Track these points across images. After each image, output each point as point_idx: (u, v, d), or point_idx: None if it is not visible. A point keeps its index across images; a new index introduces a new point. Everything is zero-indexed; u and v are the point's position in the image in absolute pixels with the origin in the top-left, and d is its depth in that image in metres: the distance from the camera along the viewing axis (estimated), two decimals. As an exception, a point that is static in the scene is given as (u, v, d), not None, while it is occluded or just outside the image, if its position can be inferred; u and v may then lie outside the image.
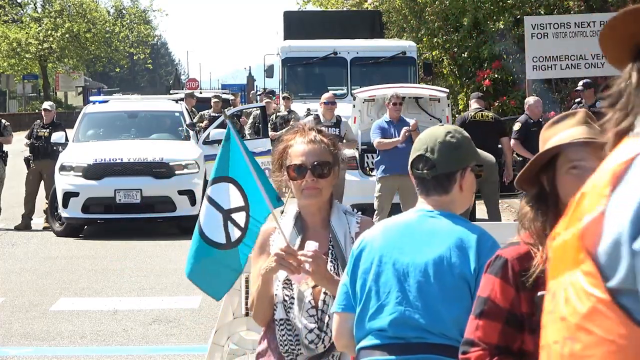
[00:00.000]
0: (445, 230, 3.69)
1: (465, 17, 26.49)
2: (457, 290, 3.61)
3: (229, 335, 6.66)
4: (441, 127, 3.90)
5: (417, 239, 3.71)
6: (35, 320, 10.97)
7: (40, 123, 18.84)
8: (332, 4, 39.65)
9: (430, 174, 3.78)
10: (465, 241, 3.66)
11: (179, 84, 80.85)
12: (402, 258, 3.69)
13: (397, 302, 3.65)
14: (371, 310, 3.69)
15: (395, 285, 3.67)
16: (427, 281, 3.63)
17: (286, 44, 24.68)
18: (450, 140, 3.79)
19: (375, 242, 3.78)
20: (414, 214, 3.82)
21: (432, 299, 3.61)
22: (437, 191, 3.78)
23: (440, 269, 3.63)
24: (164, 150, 17.83)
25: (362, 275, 3.75)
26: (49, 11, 67.25)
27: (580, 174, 3.26)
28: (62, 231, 17.44)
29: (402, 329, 3.63)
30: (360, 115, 18.30)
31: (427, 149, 3.79)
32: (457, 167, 3.78)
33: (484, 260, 3.55)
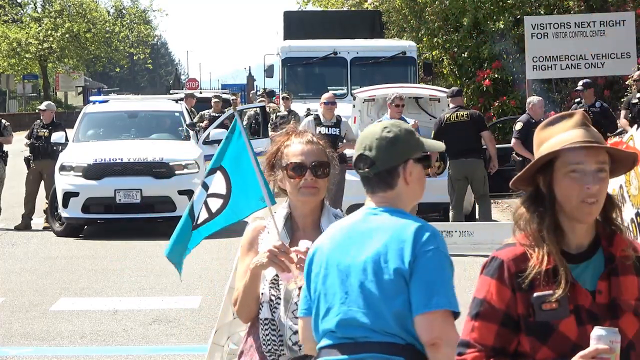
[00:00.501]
0: (384, 227, 3.64)
1: (465, 17, 26.48)
2: (394, 286, 3.56)
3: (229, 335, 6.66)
4: (378, 123, 3.83)
5: (359, 238, 3.67)
6: (35, 320, 10.97)
7: (40, 123, 18.83)
8: (332, 4, 39.64)
9: (371, 172, 3.71)
10: (402, 235, 3.60)
11: (179, 84, 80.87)
12: (345, 258, 3.67)
13: (341, 303, 3.63)
14: (322, 312, 3.69)
15: (339, 286, 3.65)
16: (366, 279, 3.60)
17: (286, 44, 24.68)
18: (386, 135, 3.71)
19: (324, 245, 3.76)
20: (359, 213, 3.76)
21: (372, 297, 3.58)
22: (381, 188, 3.72)
23: (378, 266, 3.59)
24: (164, 150, 17.83)
25: (314, 279, 3.74)
26: (49, 11, 67.27)
27: (579, 177, 3.26)
28: (62, 231, 17.44)
29: (348, 329, 3.62)
30: (360, 115, 18.31)
31: (366, 147, 3.73)
32: (397, 162, 3.71)
33: (420, 251, 3.55)
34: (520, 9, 25.75)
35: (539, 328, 3.26)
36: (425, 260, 3.56)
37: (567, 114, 3.41)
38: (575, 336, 3.23)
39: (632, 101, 17.47)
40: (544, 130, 3.39)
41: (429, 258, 3.56)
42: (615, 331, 3.14)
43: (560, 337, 3.24)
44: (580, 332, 3.23)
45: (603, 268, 3.32)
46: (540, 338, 3.25)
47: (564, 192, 3.28)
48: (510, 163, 16.77)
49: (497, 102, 25.67)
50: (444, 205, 17.02)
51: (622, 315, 3.28)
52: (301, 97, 23.35)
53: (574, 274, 3.27)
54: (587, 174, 3.26)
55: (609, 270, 3.31)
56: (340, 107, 17.56)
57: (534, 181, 3.36)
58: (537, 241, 3.30)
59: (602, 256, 3.34)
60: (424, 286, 3.54)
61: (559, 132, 3.33)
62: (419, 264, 3.55)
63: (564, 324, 3.24)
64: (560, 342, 3.24)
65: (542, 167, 3.33)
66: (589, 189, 3.24)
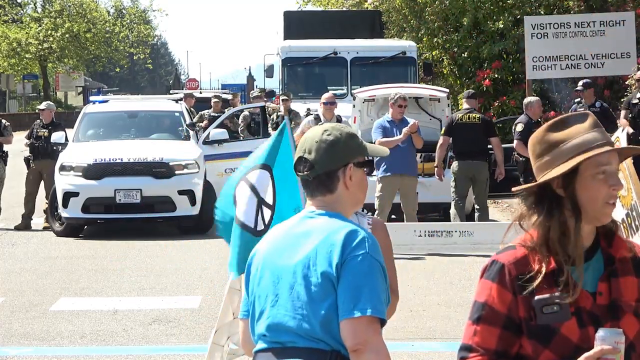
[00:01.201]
0: (317, 230, 3.59)
1: (465, 17, 26.48)
2: (321, 290, 3.51)
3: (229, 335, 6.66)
4: (320, 126, 3.77)
5: (293, 241, 3.63)
6: (35, 320, 10.97)
7: (40, 123, 18.84)
8: (332, 4, 39.63)
9: (311, 175, 3.66)
10: (332, 238, 3.54)
11: (179, 84, 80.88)
12: (278, 261, 3.63)
13: (272, 307, 3.61)
14: (256, 315, 3.68)
15: (271, 289, 3.62)
16: (295, 283, 3.56)
17: (286, 44, 24.68)
18: (326, 139, 3.66)
19: (261, 248, 3.73)
20: (297, 217, 3.73)
21: (300, 301, 3.54)
22: (321, 191, 3.66)
23: (307, 269, 3.55)
24: (164, 150, 17.83)
25: (251, 282, 3.72)
26: (49, 11, 67.26)
27: (606, 178, 3.26)
28: (62, 231, 17.44)
29: (276, 333, 3.59)
30: (360, 115, 18.31)
31: (305, 150, 3.68)
32: (336, 165, 3.66)
33: (349, 255, 3.49)
34: (520, 9, 25.75)
35: (541, 331, 3.25)
36: (354, 264, 3.49)
37: (575, 115, 3.38)
38: (577, 338, 3.23)
39: (632, 101, 17.47)
40: (554, 133, 3.34)
41: (357, 262, 3.49)
42: (619, 332, 3.14)
43: (562, 339, 3.24)
44: (582, 334, 3.23)
45: (602, 269, 3.31)
46: (542, 341, 3.25)
47: (591, 194, 3.25)
48: (511, 163, 16.78)
49: (497, 102, 25.67)
50: (444, 205, 17.02)
51: (623, 317, 3.28)
52: (301, 97, 23.34)
53: (573, 276, 3.27)
54: (613, 175, 3.27)
55: (609, 271, 3.31)
56: (340, 107, 17.55)
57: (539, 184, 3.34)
58: (540, 246, 3.29)
59: (601, 257, 3.33)
60: (350, 291, 3.47)
61: (578, 133, 3.30)
62: (346, 268, 3.49)
63: (566, 326, 3.24)
64: (562, 344, 3.24)
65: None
66: (614, 189, 3.25)
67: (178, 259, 15.03)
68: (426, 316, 10.73)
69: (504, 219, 18.68)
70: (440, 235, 14.73)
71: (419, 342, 9.64)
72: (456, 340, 9.89)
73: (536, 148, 3.37)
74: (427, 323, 10.46)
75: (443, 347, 9.67)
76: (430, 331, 10.13)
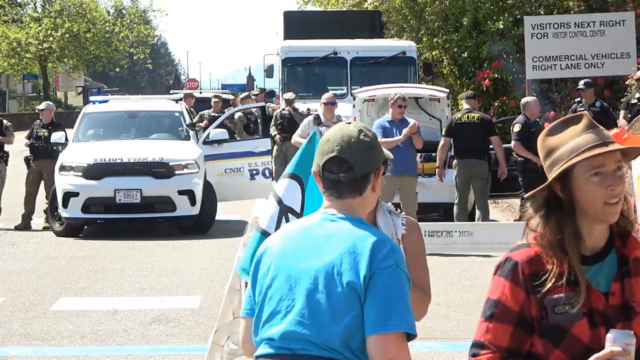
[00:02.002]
0: (342, 235, 3.45)
1: (465, 17, 26.47)
2: (345, 301, 3.37)
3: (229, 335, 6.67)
4: (350, 125, 3.61)
5: (313, 244, 3.48)
6: (35, 320, 10.97)
7: (40, 123, 18.84)
8: (332, 4, 39.62)
9: (347, 177, 3.52)
10: (359, 247, 3.39)
11: (179, 84, 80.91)
12: (296, 264, 3.47)
13: (286, 311, 3.45)
14: (264, 317, 3.52)
15: (286, 292, 3.46)
16: (316, 289, 3.40)
17: (286, 44, 24.68)
18: (364, 140, 3.54)
19: (275, 245, 3.57)
20: (316, 217, 3.56)
21: (319, 309, 3.39)
22: (352, 194, 3.53)
23: (330, 277, 3.39)
24: (164, 150, 17.82)
25: (260, 280, 3.56)
26: (49, 11, 67.25)
27: (601, 180, 3.26)
28: (62, 231, 17.44)
29: (288, 339, 3.44)
30: (360, 115, 18.30)
31: (342, 149, 3.52)
32: (372, 168, 3.56)
33: (378, 267, 3.36)
34: (520, 9, 25.74)
35: (552, 331, 3.25)
36: (384, 277, 3.36)
37: (570, 118, 3.38)
38: (588, 339, 3.23)
39: (632, 101, 17.48)
40: (551, 138, 3.35)
41: (387, 275, 3.37)
42: (630, 334, 3.14)
43: (572, 340, 3.24)
44: (593, 335, 3.23)
45: (616, 269, 3.31)
46: (553, 341, 3.25)
47: (588, 196, 3.26)
48: (510, 163, 16.80)
49: (497, 102, 25.67)
50: (444, 205, 17.03)
51: (635, 317, 3.27)
52: (301, 97, 23.34)
53: (587, 276, 3.27)
54: (609, 176, 3.26)
55: (622, 271, 3.30)
56: (340, 107, 17.57)
57: (548, 187, 3.34)
58: (554, 248, 3.28)
59: (615, 257, 3.33)
60: (381, 305, 3.34)
61: (571, 137, 3.31)
62: (376, 280, 3.36)
63: (577, 327, 3.24)
64: (573, 345, 3.24)
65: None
66: (613, 190, 3.24)
67: (178, 259, 15.03)
68: (426, 316, 10.69)
69: (503, 219, 18.69)
70: (440, 235, 14.70)
71: (419, 342, 9.62)
72: (456, 340, 9.91)
73: (540, 153, 3.40)
74: (427, 323, 10.45)
75: (443, 347, 9.67)
76: (430, 331, 10.12)
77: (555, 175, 3.28)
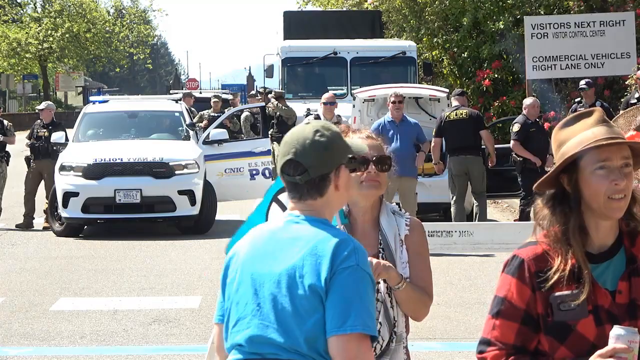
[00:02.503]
0: (304, 237, 3.39)
1: (465, 17, 26.47)
2: (308, 303, 3.32)
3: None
4: (308, 125, 3.51)
5: (277, 247, 3.43)
6: (35, 320, 10.97)
7: (41, 123, 18.84)
8: (332, 4, 39.61)
9: (302, 179, 3.43)
10: (321, 249, 3.34)
11: (179, 84, 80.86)
12: (260, 267, 3.43)
13: (252, 316, 3.41)
14: (232, 323, 3.49)
15: (251, 297, 3.43)
16: (280, 293, 3.36)
17: (286, 44, 24.68)
18: (319, 140, 3.43)
19: (242, 250, 3.53)
20: (282, 220, 3.51)
21: (284, 313, 3.35)
22: (312, 195, 3.45)
23: (293, 280, 3.35)
24: (164, 150, 17.82)
25: (229, 285, 3.52)
26: (49, 11, 67.22)
27: (606, 174, 3.26)
28: (62, 231, 17.44)
29: (256, 345, 3.41)
30: (360, 115, 18.30)
31: (296, 152, 3.44)
32: (330, 168, 3.45)
33: (338, 267, 3.30)
34: (520, 9, 25.74)
35: (557, 328, 3.26)
36: (343, 277, 3.30)
37: (585, 112, 3.39)
38: (594, 336, 3.24)
39: (631, 101, 17.48)
40: (563, 131, 3.36)
41: (346, 275, 3.30)
42: (634, 331, 3.14)
43: (578, 337, 3.25)
44: (598, 332, 3.24)
45: (624, 268, 3.31)
46: (558, 338, 3.26)
47: (592, 190, 3.26)
48: (509, 163, 16.83)
49: (497, 102, 25.66)
50: (444, 205, 17.04)
51: None
52: (301, 97, 23.34)
53: (594, 274, 3.27)
54: (614, 170, 3.26)
55: (630, 270, 3.30)
56: (340, 107, 17.57)
57: (557, 181, 3.35)
58: (559, 241, 3.29)
59: (623, 256, 3.33)
60: (340, 306, 3.28)
61: (580, 130, 3.32)
62: (335, 281, 3.30)
63: (582, 324, 3.25)
64: (578, 342, 3.25)
65: (567, 166, 3.32)
66: (617, 184, 3.24)
67: (178, 259, 15.03)
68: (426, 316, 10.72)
69: (503, 218, 18.69)
70: (440, 235, 14.71)
71: (419, 342, 9.63)
72: (456, 340, 9.92)
73: (553, 145, 3.41)
74: (427, 323, 10.44)
75: (443, 347, 9.67)
76: (430, 331, 10.13)
77: (560, 163, 3.29)
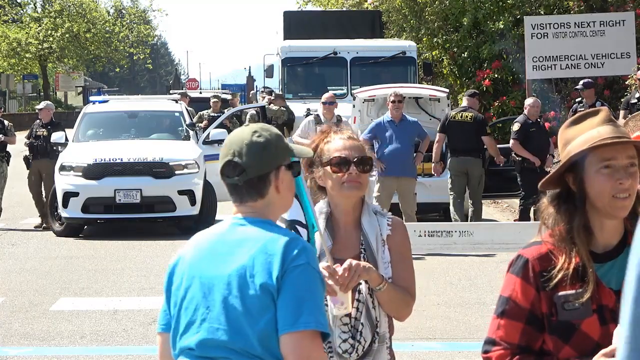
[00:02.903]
0: (252, 238, 3.39)
1: (465, 17, 26.48)
2: (260, 303, 3.31)
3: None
4: (247, 127, 3.55)
5: (225, 250, 3.42)
6: (35, 320, 10.97)
7: (40, 122, 18.85)
8: (332, 4, 39.62)
9: (241, 180, 3.45)
10: (270, 248, 3.34)
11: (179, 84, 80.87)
12: (209, 271, 3.42)
13: (202, 319, 3.39)
14: (181, 328, 3.44)
15: (201, 300, 3.41)
16: (230, 294, 3.35)
17: (286, 44, 24.67)
18: (257, 141, 3.45)
19: (186, 255, 3.52)
20: (226, 223, 3.51)
21: (235, 314, 3.33)
22: (252, 196, 3.46)
23: (243, 281, 3.34)
24: (163, 150, 17.83)
25: (175, 291, 3.50)
26: (49, 11, 67.24)
27: (611, 173, 3.26)
28: (62, 231, 17.45)
29: (207, 348, 3.38)
30: (360, 115, 18.31)
31: (235, 153, 3.46)
32: (269, 168, 3.46)
33: (289, 266, 3.30)
34: (520, 9, 25.75)
35: (561, 327, 3.27)
36: (294, 275, 3.30)
37: (591, 111, 3.40)
38: (598, 335, 3.24)
39: (631, 101, 17.49)
40: (570, 129, 3.37)
41: (298, 274, 3.30)
42: None
43: (582, 336, 3.25)
44: (603, 332, 3.24)
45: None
46: (563, 337, 3.27)
47: (597, 189, 3.27)
48: (509, 163, 16.83)
49: (497, 102, 25.67)
50: (444, 206, 17.04)
51: None
52: (301, 97, 23.35)
53: (598, 273, 3.28)
54: (619, 169, 3.26)
55: None
56: (340, 107, 17.57)
57: (562, 180, 3.36)
58: (564, 240, 3.29)
59: (628, 255, 3.33)
60: (291, 304, 3.28)
61: (587, 129, 3.32)
62: (287, 279, 3.30)
63: (586, 323, 3.25)
64: (582, 341, 3.25)
65: (572, 165, 3.32)
66: (621, 183, 3.25)
67: (178, 259, 15.02)
68: (426, 316, 10.73)
69: (503, 218, 18.69)
70: (440, 235, 14.71)
71: (419, 342, 9.63)
72: (456, 340, 9.92)
73: (559, 144, 3.41)
74: (427, 323, 10.46)
75: (443, 347, 9.67)
76: (430, 331, 10.13)
77: (565, 162, 3.29)
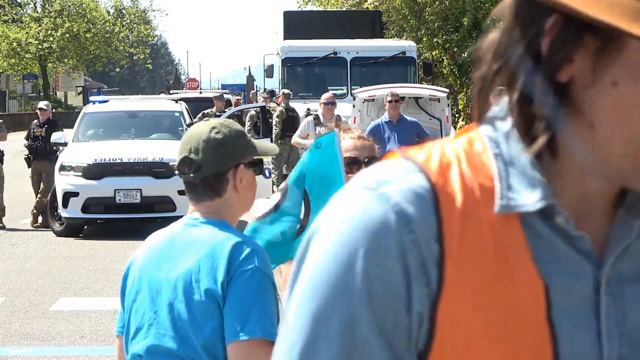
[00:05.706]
0: (201, 241, 3.26)
1: (465, 17, 26.51)
2: (205, 309, 3.19)
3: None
4: (206, 123, 3.41)
5: (174, 252, 3.31)
6: (35, 320, 10.98)
7: (37, 122, 18.87)
8: (332, 4, 39.64)
9: (197, 177, 3.33)
10: (218, 251, 3.20)
11: (179, 84, 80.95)
12: (158, 274, 3.30)
13: (149, 325, 3.29)
14: (131, 333, 3.36)
15: (148, 305, 3.30)
16: (176, 299, 3.23)
17: (286, 44, 24.68)
18: (215, 137, 3.32)
19: (139, 258, 3.40)
20: (180, 224, 3.39)
21: (181, 320, 3.22)
22: (208, 195, 3.34)
23: (189, 286, 3.21)
24: (164, 150, 17.82)
25: (127, 295, 3.40)
26: (49, 11, 67.30)
27: None
28: (62, 231, 17.45)
29: (155, 354, 3.28)
30: (360, 115, 18.31)
31: (191, 149, 3.33)
32: (226, 166, 3.34)
33: (236, 271, 3.16)
34: (520, 9, 25.76)
35: None
36: (241, 281, 3.16)
37: None
38: None
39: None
40: None
41: (245, 279, 3.16)
42: None
43: None
44: None
45: None
46: None
47: None
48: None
49: (497, 102, 25.69)
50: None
51: None
52: (301, 97, 23.35)
53: None
54: None
55: None
56: (340, 107, 17.57)
57: None
58: None
59: None
60: (237, 311, 3.15)
61: None
62: (233, 285, 3.16)
63: None
64: None
65: None
66: None
67: (178, 259, 15.03)
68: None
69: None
70: (440, 235, 14.76)
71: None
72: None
73: None
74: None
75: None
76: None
77: None
